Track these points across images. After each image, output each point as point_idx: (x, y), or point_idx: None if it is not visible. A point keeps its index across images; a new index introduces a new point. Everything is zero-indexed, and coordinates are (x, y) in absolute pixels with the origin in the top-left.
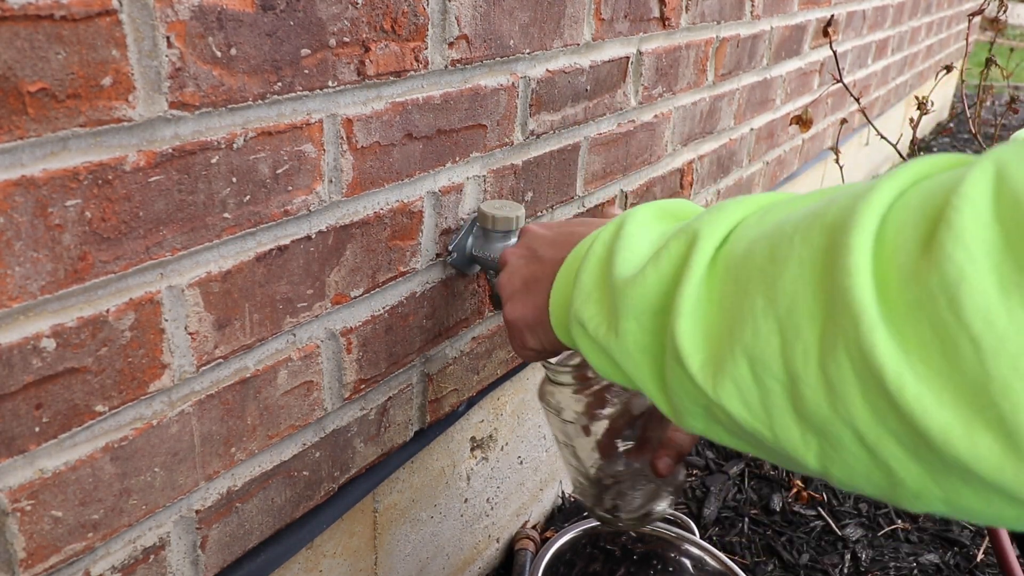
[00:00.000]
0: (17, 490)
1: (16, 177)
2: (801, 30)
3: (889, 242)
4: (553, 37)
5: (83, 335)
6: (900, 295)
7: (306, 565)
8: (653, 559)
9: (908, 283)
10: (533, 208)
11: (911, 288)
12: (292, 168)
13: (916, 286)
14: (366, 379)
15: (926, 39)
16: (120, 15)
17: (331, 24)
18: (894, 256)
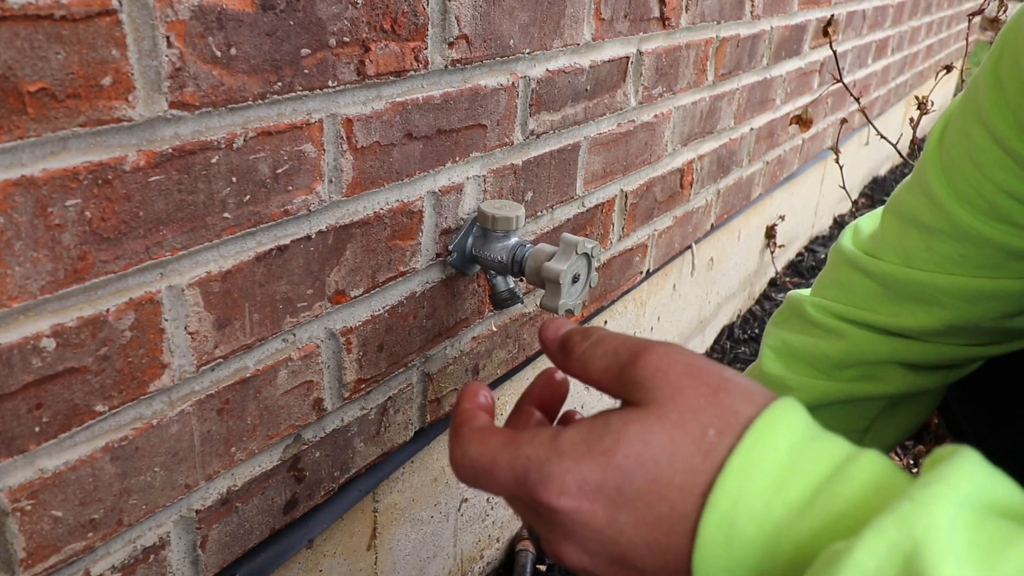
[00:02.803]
0: (17, 490)
1: (16, 177)
2: (801, 30)
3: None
4: (553, 37)
5: (83, 335)
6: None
7: (306, 565)
8: None
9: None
10: (533, 208)
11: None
12: (292, 168)
13: None
14: (366, 379)
15: (926, 39)
16: (120, 15)
17: (331, 24)
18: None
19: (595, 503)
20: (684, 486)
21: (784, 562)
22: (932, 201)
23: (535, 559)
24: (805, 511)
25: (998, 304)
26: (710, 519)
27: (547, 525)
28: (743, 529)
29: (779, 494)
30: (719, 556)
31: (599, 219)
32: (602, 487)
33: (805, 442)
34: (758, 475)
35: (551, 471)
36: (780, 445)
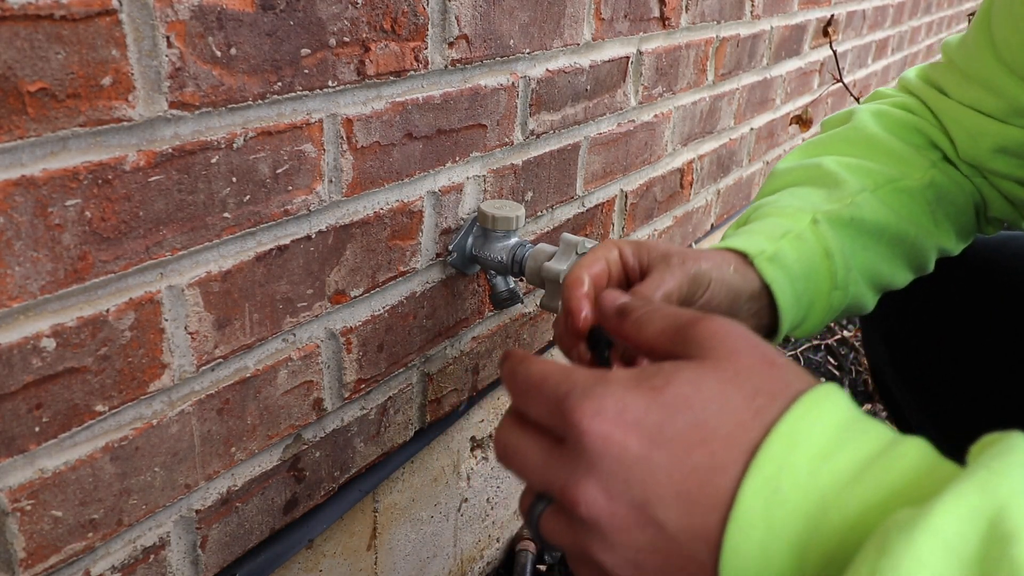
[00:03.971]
0: (17, 490)
1: (16, 177)
2: (801, 30)
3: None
4: (553, 37)
5: (83, 335)
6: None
7: (306, 565)
8: None
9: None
10: (533, 208)
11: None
12: (292, 168)
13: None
14: (366, 379)
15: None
16: (120, 15)
17: (331, 24)
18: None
19: (629, 434)
20: (729, 438)
21: (830, 535)
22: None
23: (535, 559)
24: (855, 483)
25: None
26: (751, 484)
27: (571, 457)
28: (786, 496)
29: (827, 463)
30: (756, 526)
31: (599, 219)
32: (642, 420)
33: (853, 420)
34: (806, 443)
35: (593, 392)
36: (829, 419)
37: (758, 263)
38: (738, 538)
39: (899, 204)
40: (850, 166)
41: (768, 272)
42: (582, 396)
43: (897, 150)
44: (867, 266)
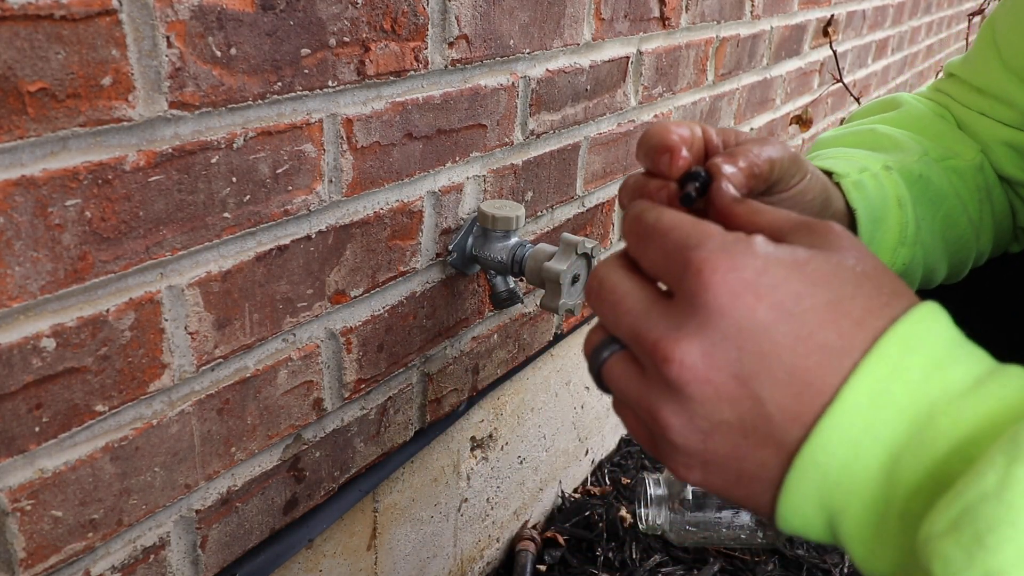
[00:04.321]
0: (17, 490)
1: (16, 177)
2: (801, 30)
3: None
4: (553, 37)
5: (83, 335)
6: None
7: (306, 565)
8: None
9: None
10: (533, 208)
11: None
12: (292, 168)
13: None
14: (366, 379)
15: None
16: (120, 15)
17: (331, 24)
18: None
19: (763, 299)
20: (861, 321)
21: (932, 446)
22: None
23: (535, 559)
24: (970, 395)
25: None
26: (863, 377)
27: (680, 312)
28: (895, 398)
29: (940, 372)
30: (856, 420)
31: (599, 219)
32: (779, 287)
33: (962, 342)
34: (922, 348)
35: (733, 248)
36: (945, 331)
37: (845, 185)
38: (832, 428)
39: (955, 180)
40: (905, 134)
41: (854, 196)
42: (719, 250)
43: (945, 131)
44: (924, 239)
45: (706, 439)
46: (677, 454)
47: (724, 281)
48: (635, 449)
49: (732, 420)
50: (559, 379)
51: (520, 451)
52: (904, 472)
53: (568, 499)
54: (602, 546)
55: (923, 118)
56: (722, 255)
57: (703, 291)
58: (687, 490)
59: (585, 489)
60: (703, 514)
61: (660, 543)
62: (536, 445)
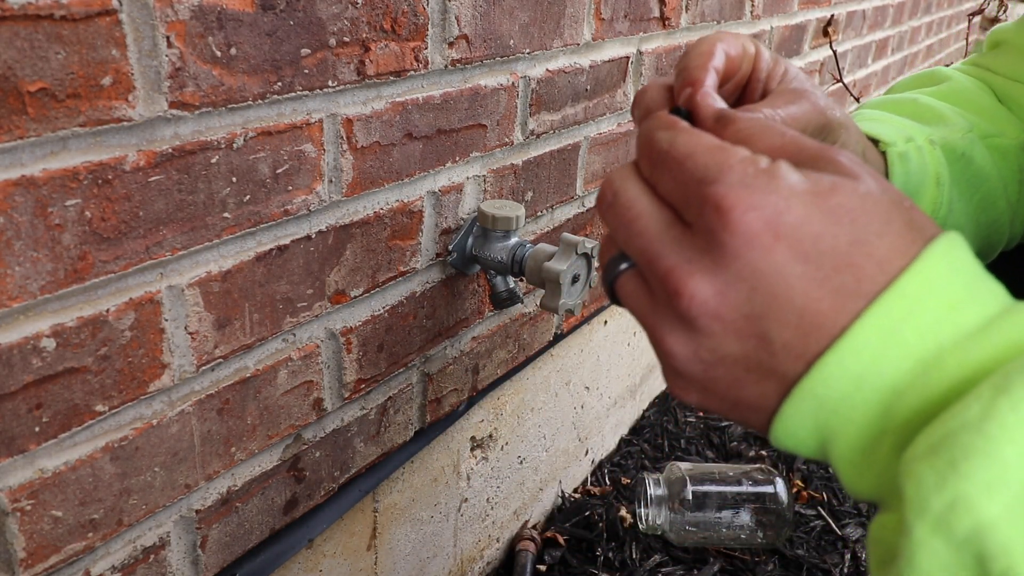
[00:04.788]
0: (17, 490)
1: (16, 177)
2: (801, 30)
3: None
4: (553, 37)
5: (83, 335)
6: None
7: (306, 565)
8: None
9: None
10: (533, 208)
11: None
12: (292, 168)
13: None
14: (366, 379)
15: (926, 39)
16: (120, 15)
17: (331, 24)
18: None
19: (781, 240)
20: (883, 263)
21: (936, 383)
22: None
23: (535, 559)
24: (979, 335)
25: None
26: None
27: (696, 245)
28: (905, 339)
29: (953, 314)
30: (862, 356)
31: (599, 219)
32: (800, 228)
33: (981, 276)
34: (940, 289)
35: (755, 184)
36: (963, 265)
37: (891, 155)
38: (835, 364)
39: (998, 159)
40: (951, 109)
41: (897, 170)
42: (739, 185)
43: (990, 106)
44: (957, 222)
45: (708, 369)
46: (678, 378)
47: (742, 220)
48: (635, 449)
49: (737, 354)
50: (559, 379)
51: (520, 451)
52: (903, 407)
53: (568, 499)
54: (602, 546)
55: (967, 92)
56: (742, 191)
57: (720, 229)
58: (687, 490)
59: (585, 489)
60: (703, 514)
61: (660, 543)
62: (536, 445)
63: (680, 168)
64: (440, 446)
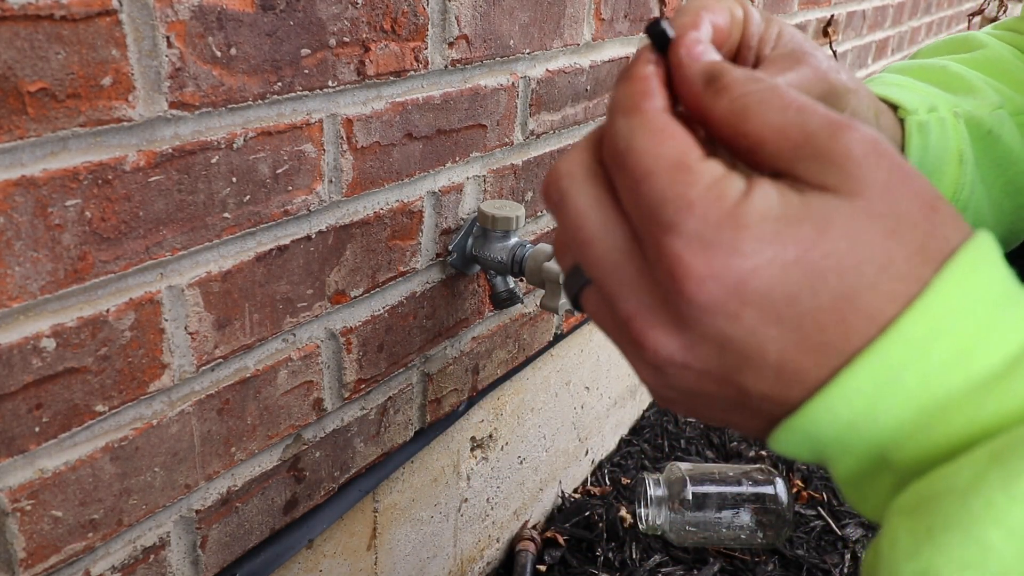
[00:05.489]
0: (17, 490)
1: (16, 177)
2: (801, 30)
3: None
4: (553, 37)
5: (83, 335)
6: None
7: (306, 565)
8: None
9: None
10: (533, 208)
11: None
12: (292, 168)
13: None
14: (366, 379)
15: (926, 39)
16: (120, 15)
17: (331, 24)
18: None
19: (746, 307)
20: (878, 313)
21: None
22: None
23: (535, 559)
24: (996, 384)
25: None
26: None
27: (656, 293)
28: (906, 385)
29: (966, 358)
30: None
31: None
32: (771, 292)
33: (1008, 299)
34: (950, 333)
35: (715, 243)
36: (983, 296)
37: (910, 125)
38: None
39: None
40: (981, 78)
41: (915, 142)
42: (697, 243)
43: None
44: (979, 205)
45: (686, 399)
46: (657, 397)
47: (700, 291)
48: (635, 449)
49: (714, 393)
50: (559, 379)
51: (520, 451)
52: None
53: (568, 499)
54: (602, 546)
55: (1003, 62)
56: (699, 253)
57: (677, 294)
58: (687, 490)
59: (585, 489)
60: (703, 514)
61: (660, 543)
62: (536, 445)
63: (636, 188)
64: (440, 446)
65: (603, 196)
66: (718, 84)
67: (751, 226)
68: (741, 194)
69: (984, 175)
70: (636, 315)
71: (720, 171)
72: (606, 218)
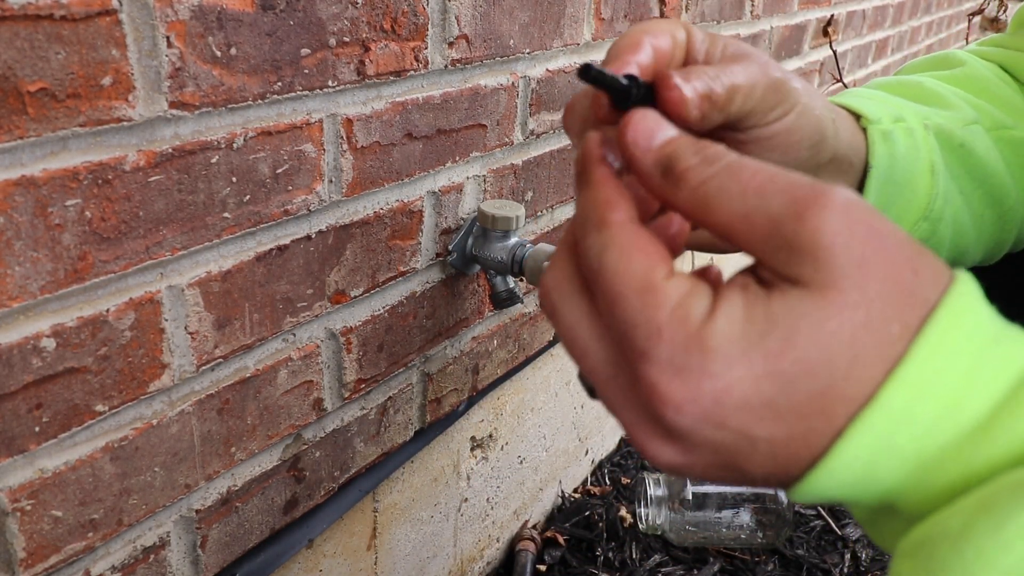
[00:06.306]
0: (17, 490)
1: (16, 177)
2: (801, 30)
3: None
4: (553, 37)
5: (83, 335)
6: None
7: (306, 565)
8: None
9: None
10: (533, 208)
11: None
12: (292, 168)
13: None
14: (366, 379)
15: (926, 39)
16: (120, 15)
17: (331, 24)
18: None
19: (728, 418)
20: (854, 400)
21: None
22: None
23: (535, 559)
24: (982, 434)
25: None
26: (858, 437)
27: (645, 412)
28: (899, 446)
29: (953, 413)
30: (853, 470)
31: None
32: (749, 401)
33: (989, 345)
34: (933, 390)
35: (686, 368)
36: (963, 349)
37: (872, 133)
38: (825, 477)
39: (1009, 154)
40: (957, 94)
41: (879, 151)
42: (670, 369)
43: (1007, 96)
44: (957, 215)
45: (692, 468)
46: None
47: (680, 413)
48: (635, 449)
49: (724, 477)
50: (559, 379)
51: (520, 451)
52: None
53: (568, 499)
54: (602, 546)
55: (983, 80)
56: (673, 379)
57: (660, 415)
58: (687, 490)
59: (585, 489)
60: (703, 514)
61: (660, 543)
62: (536, 445)
63: (611, 311)
64: (440, 446)
65: (589, 309)
66: (674, 174)
67: (717, 348)
68: (706, 313)
69: (962, 186)
70: (634, 425)
71: (686, 288)
72: (593, 332)
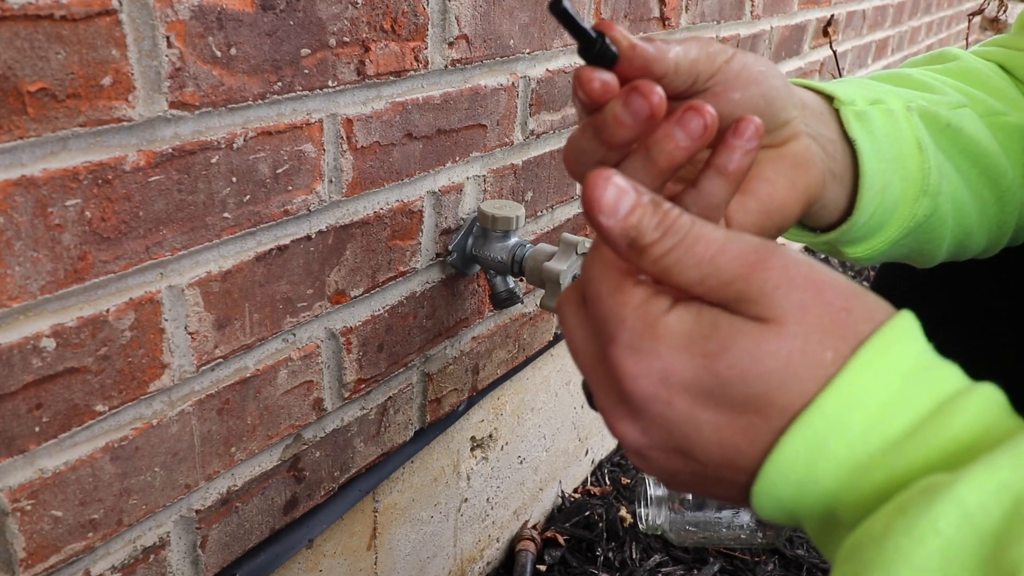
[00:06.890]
0: (17, 490)
1: (16, 177)
2: (801, 30)
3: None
4: (553, 37)
5: (83, 335)
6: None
7: (306, 565)
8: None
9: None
10: (533, 208)
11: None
12: (292, 168)
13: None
14: (366, 379)
15: (926, 39)
16: (120, 15)
17: (331, 24)
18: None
19: (675, 396)
20: (788, 407)
21: (868, 492)
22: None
23: (535, 559)
24: (905, 443)
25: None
26: (798, 435)
27: (614, 395)
28: (833, 450)
29: (880, 424)
30: (795, 470)
31: None
32: (690, 386)
33: (918, 371)
34: (863, 402)
35: (640, 348)
36: (894, 369)
37: (845, 113)
38: (767, 486)
39: (1003, 139)
40: (947, 83)
41: (856, 128)
42: (628, 349)
43: (1001, 86)
44: (956, 193)
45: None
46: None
47: (635, 387)
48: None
49: (684, 470)
50: (559, 379)
51: (520, 451)
52: (845, 508)
53: (568, 499)
54: (602, 546)
55: (975, 71)
56: (630, 357)
57: (621, 387)
58: None
59: (585, 489)
60: (703, 514)
61: (660, 543)
62: (536, 445)
63: (592, 309)
64: (440, 446)
65: (584, 316)
66: (637, 248)
67: (665, 336)
68: (663, 311)
69: (958, 165)
70: (606, 409)
71: (650, 292)
72: (585, 334)
